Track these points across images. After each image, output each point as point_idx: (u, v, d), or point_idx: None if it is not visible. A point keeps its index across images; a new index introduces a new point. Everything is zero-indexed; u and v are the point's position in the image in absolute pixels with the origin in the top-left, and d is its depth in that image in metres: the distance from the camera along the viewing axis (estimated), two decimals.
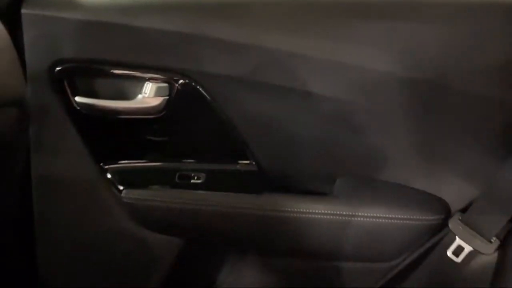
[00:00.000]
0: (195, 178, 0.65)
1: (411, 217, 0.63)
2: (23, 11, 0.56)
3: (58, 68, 0.57)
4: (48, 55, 0.57)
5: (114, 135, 0.64)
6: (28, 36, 0.56)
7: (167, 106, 0.61)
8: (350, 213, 0.64)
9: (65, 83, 0.59)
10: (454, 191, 0.63)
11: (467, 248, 0.60)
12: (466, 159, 0.61)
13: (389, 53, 0.58)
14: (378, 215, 0.63)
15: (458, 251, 0.60)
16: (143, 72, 0.60)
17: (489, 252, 0.58)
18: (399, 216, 0.63)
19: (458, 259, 0.60)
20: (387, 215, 0.63)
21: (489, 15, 0.56)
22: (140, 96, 0.61)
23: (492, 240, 0.58)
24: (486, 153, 0.59)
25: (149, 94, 0.61)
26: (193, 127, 0.64)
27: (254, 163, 0.66)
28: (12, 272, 0.67)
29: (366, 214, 0.64)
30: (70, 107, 0.60)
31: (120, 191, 0.65)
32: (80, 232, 0.68)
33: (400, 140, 0.63)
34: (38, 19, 0.56)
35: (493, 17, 0.56)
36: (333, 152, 0.65)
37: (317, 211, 0.64)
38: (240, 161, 0.65)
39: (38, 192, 0.64)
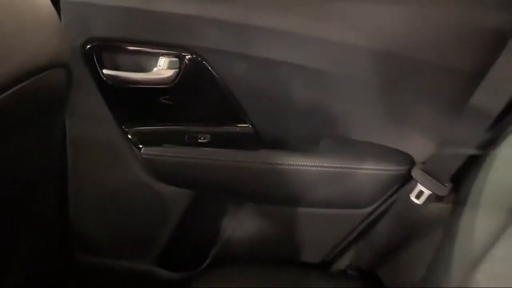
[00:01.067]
0: (201, 138, 0.77)
1: (382, 168, 0.76)
2: None
3: (88, 46, 0.69)
4: (81, 35, 0.68)
5: (134, 102, 0.76)
6: (65, 18, 0.68)
7: (178, 77, 0.73)
8: (331, 166, 0.76)
9: (95, 58, 0.70)
10: (417, 146, 0.75)
11: (426, 192, 0.72)
12: (427, 119, 0.73)
13: (363, 30, 0.69)
14: (354, 167, 0.76)
15: (419, 195, 0.72)
16: (157, 49, 0.72)
17: (444, 194, 0.70)
18: (372, 167, 0.76)
19: (419, 201, 0.72)
20: (361, 167, 0.76)
21: None
22: (155, 68, 0.73)
23: (446, 184, 0.71)
24: (442, 113, 0.71)
25: (162, 67, 0.73)
26: (199, 95, 0.76)
27: (250, 126, 0.77)
28: (50, 219, 0.80)
29: (344, 166, 0.76)
30: (98, 78, 0.72)
31: (140, 149, 0.77)
32: (105, 185, 0.81)
33: (372, 105, 0.74)
34: (74, 5, 0.68)
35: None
36: (317, 116, 0.77)
37: (304, 164, 0.77)
38: (238, 124, 0.77)
39: (71, 150, 0.77)
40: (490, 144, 0.65)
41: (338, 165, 0.76)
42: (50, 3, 0.56)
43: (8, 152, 0.52)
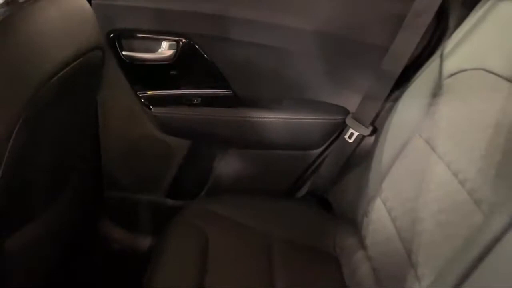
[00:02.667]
0: (195, 100, 1.05)
1: (326, 118, 1.04)
2: (92, 1, 0.94)
3: (112, 34, 0.96)
4: (106, 27, 0.95)
5: (145, 74, 1.03)
6: (95, 15, 0.94)
7: (175, 56, 1.00)
8: (290, 118, 1.04)
9: (116, 43, 0.97)
10: (351, 101, 1.02)
11: (355, 133, 1.00)
12: (356, 82, 1.00)
13: (310, 17, 0.96)
14: (307, 118, 1.04)
15: (351, 136, 1.01)
16: (160, 35, 0.99)
17: (367, 134, 0.99)
18: (319, 118, 1.04)
19: (351, 141, 1.01)
20: (312, 118, 1.04)
21: None
22: (159, 50, 0.99)
23: (369, 127, 0.99)
24: (367, 77, 0.97)
25: (164, 49, 1.00)
26: (192, 69, 1.03)
27: (231, 91, 1.05)
28: (88, 163, 1.07)
29: (300, 118, 1.04)
30: (119, 58, 0.99)
31: (150, 109, 1.04)
32: (126, 137, 1.08)
33: (318, 73, 1.02)
34: (101, 5, 0.93)
35: None
36: (280, 83, 1.04)
37: (271, 117, 1.04)
38: (222, 90, 1.04)
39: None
40: (395, 96, 0.93)
41: (295, 117, 1.04)
42: (88, 4, 0.83)
43: (65, 112, 0.79)
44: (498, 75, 0.68)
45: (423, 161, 0.78)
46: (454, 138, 0.73)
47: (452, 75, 0.79)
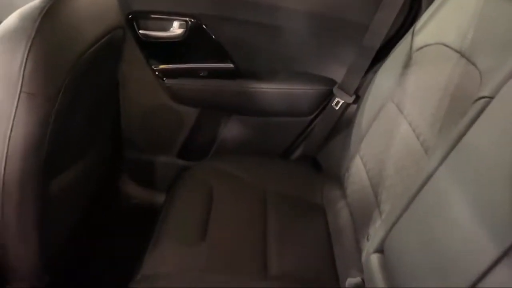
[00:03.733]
0: (202, 73, 1.21)
1: (316, 88, 1.19)
2: None
3: (130, 15, 1.11)
4: (126, 9, 1.10)
5: (159, 50, 1.18)
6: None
7: (185, 34, 1.15)
8: (285, 88, 1.20)
9: (134, 23, 1.13)
10: (337, 73, 1.17)
11: (341, 101, 1.15)
12: (343, 56, 1.14)
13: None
14: (299, 88, 1.19)
15: (337, 103, 1.16)
16: (172, 16, 1.14)
17: (351, 102, 1.14)
18: (310, 88, 1.19)
19: (337, 108, 1.16)
20: (304, 88, 1.19)
21: None
22: (171, 28, 1.15)
23: (352, 95, 1.13)
24: (352, 51, 1.11)
25: (174, 28, 1.15)
26: (199, 45, 1.18)
27: (232, 65, 1.20)
28: (112, 124, 1.23)
29: (293, 88, 1.19)
30: (136, 36, 1.14)
31: (164, 80, 1.20)
32: (143, 105, 1.24)
33: (309, 48, 1.16)
34: None
35: None
36: (276, 57, 1.19)
37: (268, 87, 1.20)
38: (225, 64, 1.20)
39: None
40: (375, 69, 1.07)
41: (289, 88, 1.19)
42: None
43: (94, 81, 0.95)
44: (451, 48, 0.82)
45: (392, 121, 0.93)
46: (416, 101, 0.88)
47: (419, 49, 0.93)
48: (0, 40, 0.69)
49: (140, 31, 1.14)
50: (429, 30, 0.94)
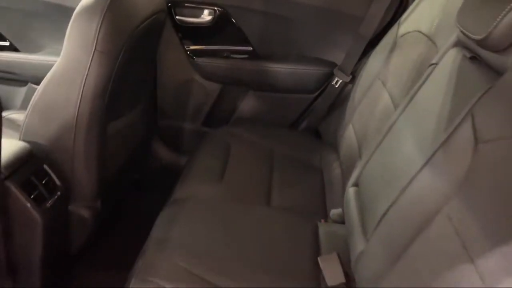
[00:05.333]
0: (225, 54, 1.45)
1: (319, 68, 1.41)
2: None
3: (169, 4, 1.36)
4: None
5: (191, 33, 1.43)
6: None
7: (213, 20, 1.40)
8: (292, 68, 1.43)
9: (172, 10, 1.38)
10: (338, 56, 1.40)
11: (340, 80, 1.37)
12: (342, 42, 1.37)
13: None
14: (305, 68, 1.42)
15: (336, 82, 1.38)
16: (202, 5, 1.38)
17: (348, 81, 1.36)
18: (314, 68, 1.42)
19: (336, 86, 1.38)
20: (309, 68, 1.42)
21: None
22: (201, 15, 1.40)
23: (349, 76, 1.35)
24: (349, 38, 1.34)
25: (205, 15, 1.40)
26: (224, 30, 1.42)
27: (251, 48, 1.44)
28: (150, 94, 1.48)
29: (300, 68, 1.42)
30: (173, 21, 1.40)
31: (194, 59, 1.45)
32: (176, 79, 1.49)
33: (314, 35, 1.39)
34: None
35: None
36: (287, 42, 1.42)
37: (279, 67, 1.43)
38: (245, 47, 1.44)
39: (158, 60, 1.45)
40: (369, 54, 1.29)
41: (297, 68, 1.42)
42: None
43: (142, 53, 1.20)
44: (423, 33, 1.04)
45: (377, 94, 1.15)
46: (396, 75, 1.10)
47: (402, 36, 1.15)
48: (80, 12, 0.95)
49: (177, 17, 1.39)
50: (410, 20, 1.16)
